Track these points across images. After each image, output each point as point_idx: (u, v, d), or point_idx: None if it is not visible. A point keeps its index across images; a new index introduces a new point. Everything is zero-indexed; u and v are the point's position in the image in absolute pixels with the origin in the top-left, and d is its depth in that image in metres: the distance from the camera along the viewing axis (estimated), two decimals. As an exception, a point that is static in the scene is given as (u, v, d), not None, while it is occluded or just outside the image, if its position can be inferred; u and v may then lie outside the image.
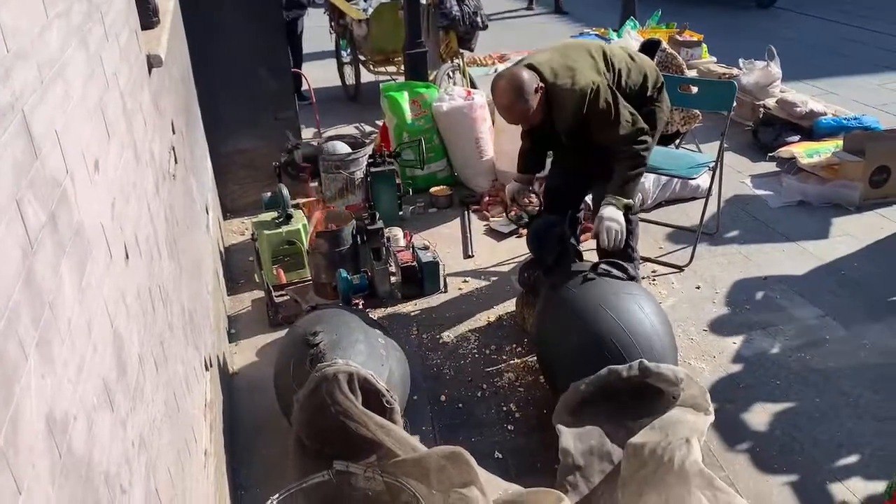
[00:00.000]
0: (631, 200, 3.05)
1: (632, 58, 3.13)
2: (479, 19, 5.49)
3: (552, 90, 2.89)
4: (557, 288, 2.93)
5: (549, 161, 3.58)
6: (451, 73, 5.49)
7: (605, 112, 2.91)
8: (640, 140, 2.98)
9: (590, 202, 3.63)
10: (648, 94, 3.14)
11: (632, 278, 2.96)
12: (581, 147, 3.11)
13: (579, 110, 2.89)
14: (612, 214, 2.97)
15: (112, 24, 1.78)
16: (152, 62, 2.31)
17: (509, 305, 3.65)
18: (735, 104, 3.99)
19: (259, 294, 3.88)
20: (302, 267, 4.01)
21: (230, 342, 3.49)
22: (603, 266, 2.92)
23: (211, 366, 2.59)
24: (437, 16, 5.46)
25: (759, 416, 2.89)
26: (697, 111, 4.53)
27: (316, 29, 8.20)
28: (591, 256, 3.35)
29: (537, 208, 3.64)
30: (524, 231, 4.27)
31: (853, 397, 2.94)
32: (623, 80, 3.04)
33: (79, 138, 1.27)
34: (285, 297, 3.77)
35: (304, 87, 5.53)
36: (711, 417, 2.46)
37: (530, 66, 2.91)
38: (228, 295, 3.87)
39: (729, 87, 3.93)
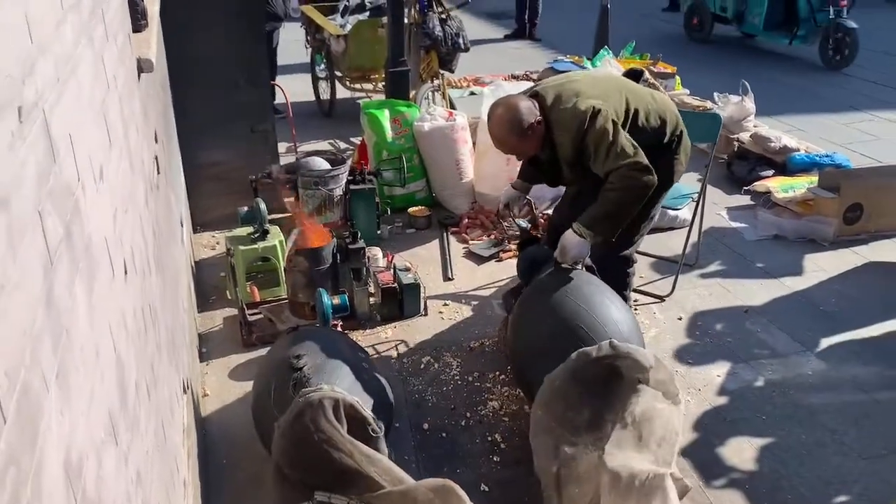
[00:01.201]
0: (600, 238, 2.81)
1: (653, 97, 2.98)
2: (461, 41, 5.46)
3: (552, 113, 2.73)
4: (526, 297, 2.89)
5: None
6: (430, 94, 5.44)
7: (601, 138, 2.69)
8: (634, 175, 2.70)
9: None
10: (666, 140, 2.96)
11: (589, 269, 2.91)
12: (586, 186, 2.93)
13: (577, 134, 2.71)
14: (571, 242, 2.79)
15: (111, 22, 1.67)
16: (143, 66, 2.20)
17: (491, 331, 3.57)
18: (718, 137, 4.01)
19: (231, 312, 3.73)
20: (277, 285, 3.89)
21: (201, 361, 3.34)
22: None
23: (188, 388, 2.46)
24: (420, 35, 5.42)
25: (747, 451, 2.86)
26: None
27: (290, 42, 8.09)
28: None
29: (529, 220, 3.59)
30: (504, 255, 4.23)
31: (838, 434, 2.93)
32: (641, 121, 2.85)
33: (88, 143, 1.16)
34: (259, 316, 3.63)
35: (280, 100, 5.41)
36: (682, 407, 2.43)
37: (534, 95, 2.76)
38: (199, 312, 3.71)
39: (714, 119, 3.95)
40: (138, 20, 2.47)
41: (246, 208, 3.88)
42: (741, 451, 2.86)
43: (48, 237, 0.82)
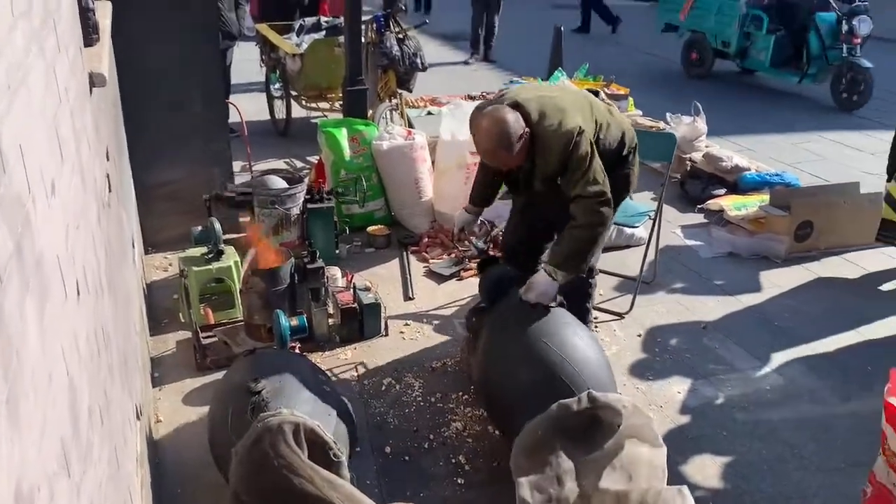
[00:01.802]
0: (570, 275, 2.82)
1: (611, 112, 3.01)
2: (418, 60, 5.46)
3: (537, 131, 2.71)
4: (495, 325, 2.87)
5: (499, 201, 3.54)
6: (388, 113, 5.41)
7: (581, 161, 2.71)
8: (600, 211, 2.75)
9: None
10: (624, 153, 3.02)
11: (561, 304, 2.90)
12: (552, 194, 2.92)
13: (563, 153, 2.71)
14: (541, 284, 2.79)
15: (62, 34, 1.61)
16: (95, 81, 2.12)
17: (453, 351, 3.53)
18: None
19: (185, 335, 3.62)
20: (232, 306, 3.79)
21: (153, 386, 3.22)
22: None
23: (141, 414, 2.36)
24: (377, 55, 5.40)
25: (710, 468, 2.87)
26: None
27: (244, 61, 8.00)
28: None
29: (485, 241, 3.59)
30: (465, 273, 4.21)
31: (798, 448, 2.97)
32: (602, 135, 2.89)
33: (39, 155, 1.09)
34: (214, 339, 3.53)
35: (234, 119, 5.32)
36: (664, 449, 2.45)
37: (516, 105, 2.72)
38: (151, 335, 3.59)
39: (669, 138, 4.01)
40: (90, 34, 2.39)
41: (200, 228, 3.78)
42: (704, 468, 2.86)
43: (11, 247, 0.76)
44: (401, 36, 5.50)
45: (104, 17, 2.82)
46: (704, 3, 9.17)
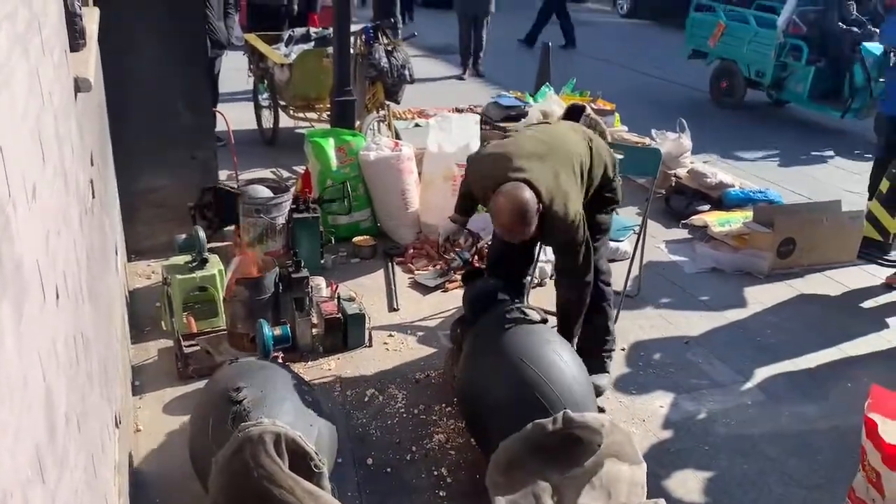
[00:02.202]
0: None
1: (591, 145, 3.06)
2: (406, 72, 5.47)
3: (547, 213, 2.80)
4: (477, 340, 2.87)
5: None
6: (376, 124, 5.42)
7: (578, 243, 2.92)
8: (585, 282, 3.02)
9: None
10: (611, 175, 3.15)
11: (544, 321, 2.92)
12: None
13: (565, 235, 2.89)
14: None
15: (48, 38, 1.60)
16: (80, 86, 2.11)
17: (437, 362, 3.53)
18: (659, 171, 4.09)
19: (166, 343, 3.59)
20: (215, 315, 3.76)
21: (133, 395, 3.19)
22: (517, 311, 2.88)
23: (120, 423, 2.33)
24: (366, 66, 5.41)
25: (692, 482, 2.87)
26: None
27: (232, 70, 7.99)
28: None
29: (472, 251, 3.60)
30: (450, 285, 4.21)
31: (779, 463, 2.98)
32: (591, 178, 3.04)
33: (20, 159, 1.09)
34: (196, 348, 3.50)
35: (221, 127, 5.31)
36: (644, 466, 2.48)
37: (528, 183, 2.77)
38: (132, 343, 3.56)
39: (654, 153, 4.04)
40: (76, 39, 2.38)
41: (184, 236, 3.76)
42: (686, 483, 2.87)
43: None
44: (389, 48, 5.52)
45: (91, 22, 2.81)
46: (737, 30, 8.58)
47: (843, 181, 6.35)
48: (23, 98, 1.17)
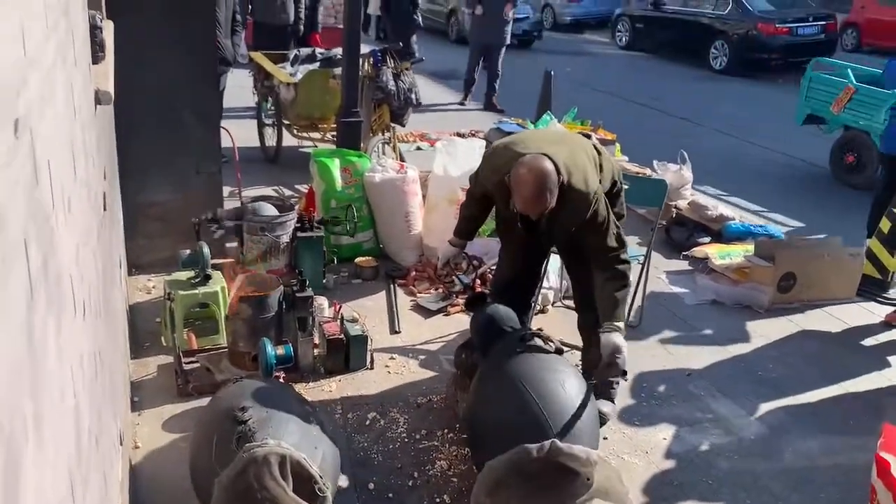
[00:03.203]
0: (623, 322, 3.00)
1: (600, 153, 3.10)
2: (413, 95, 5.51)
3: (566, 188, 2.79)
4: (487, 365, 2.86)
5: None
6: (381, 146, 5.44)
7: (602, 219, 2.89)
8: (622, 259, 2.97)
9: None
10: (616, 189, 3.16)
11: (559, 351, 2.91)
12: (560, 235, 3.08)
13: (586, 212, 2.85)
14: (617, 344, 2.88)
15: (79, 49, 1.60)
16: (101, 98, 2.10)
17: (439, 387, 3.50)
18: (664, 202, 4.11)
19: (166, 359, 3.55)
20: (215, 332, 3.73)
21: (132, 411, 3.15)
22: (535, 338, 2.87)
23: (123, 440, 2.30)
24: (373, 88, 5.44)
25: (695, 516, 2.85)
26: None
27: (236, 88, 8.01)
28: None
29: (472, 275, 3.61)
30: (452, 309, 4.19)
31: (781, 499, 2.96)
32: (604, 174, 3.03)
33: (60, 171, 1.08)
34: (196, 365, 3.47)
35: (226, 144, 5.31)
36: None
37: (545, 156, 2.77)
38: (132, 358, 3.52)
39: (660, 184, 4.07)
40: (97, 51, 2.38)
41: (188, 251, 3.74)
42: (689, 517, 2.84)
43: (31, 266, 0.74)
44: (396, 71, 5.55)
45: (108, 35, 2.81)
46: (872, 95, 6.83)
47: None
48: (62, 110, 1.17)
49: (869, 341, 4.32)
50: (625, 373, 2.98)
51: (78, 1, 1.72)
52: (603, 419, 3.16)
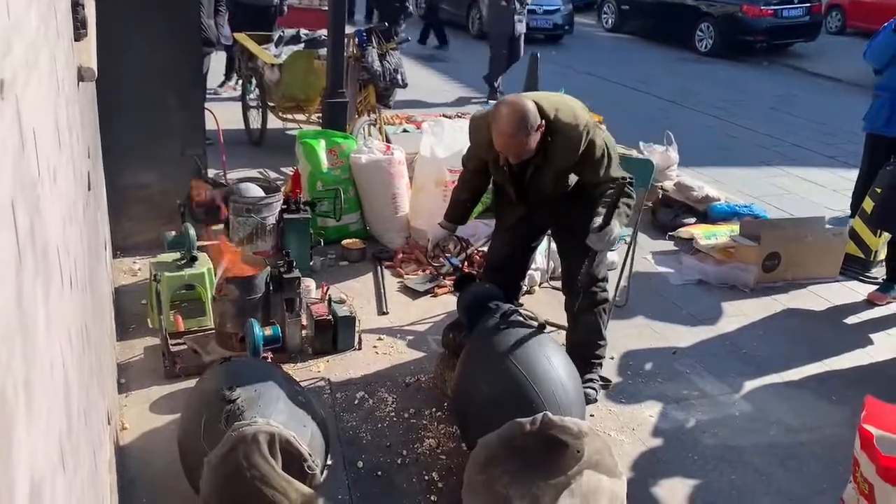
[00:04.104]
0: (622, 227, 2.99)
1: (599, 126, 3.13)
2: (398, 76, 5.48)
3: (555, 124, 2.81)
4: (473, 343, 2.87)
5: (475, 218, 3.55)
6: (366, 127, 5.41)
7: (602, 152, 2.90)
8: (626, 187, 2.93)
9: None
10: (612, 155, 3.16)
11: (542, 327, 2.92)
12: (554, 196, 3.07)
13: (578, 143, 2.85)
14: (614, 230, 2.85)
15: (61, 22, 1.57)
16: (83, 75, 2.08)
17: (427, 367, 3.51)
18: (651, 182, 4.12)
19: (152, 341, 3.54)
20: (202, 314, 3.72)
21: (119, 393, 3.13)
22: (517, 314, 2.89)
23: (111, 420, 2.29)
24: (358, 69, 5.40)
25: (680, 491, 2.88)
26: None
27: (220, 69, 7.95)
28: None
29: (461, 257, 3.61)
30: (439, 290, 4.20)
31: (766, 475, 3.00)
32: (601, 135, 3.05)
33: (45, 141, 1.06)
34: (183, 347, 3.46)
35: (210, 126, 5.26)
36: (624, 479, 2.49)
37: (530, 100, 2.82)
38: (118, 340, 3.50)
39: (647, 164, 4.08)
40: (78, 28, 2.34)
41: (173, 233, 3.72)
42: (675, 492, 2.88)
43: (19, 232, 0.73)
44: (382, 52, 5.51)
45: (90, 13, 2.77)
46: None
47: (823, 197, 6.44)
48: (46, 80, 1.15)
49: (852, 319, 4.37)
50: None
51: (60, -26, 1.69)
52: (589, 398, 3.19)
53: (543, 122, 2.81)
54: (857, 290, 4.68)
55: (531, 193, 3.12)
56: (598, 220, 2.85)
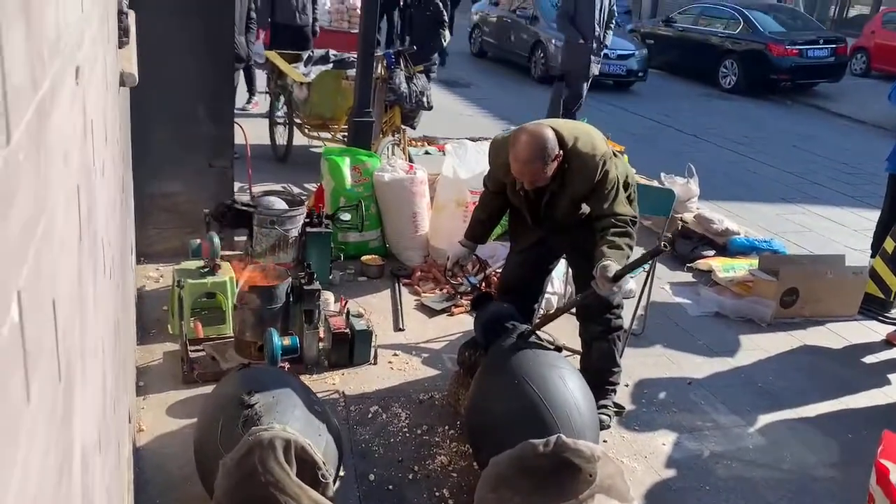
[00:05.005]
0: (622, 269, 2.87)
1: (616, 155, 3.16)
2: (424, 99, 5.56)
3: (572, 152, 2.85)
4: (489, 362, 2.89)
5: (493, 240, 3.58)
6: (390, 147, 5.48)
7: (613, 184, 2.92)
8: (630, 224, 2.96)
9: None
10: (628, 193, 3.17)
11: (558, 349, 2.94)
12: (569, 223, 3.09)
13: (594, 173, 2.87)
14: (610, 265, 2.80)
15: (111, 28, 1.64)
16: (125, 80, 2.14)
17: (441, 384, 3.53)
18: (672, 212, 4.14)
19: (172, 346, 3.58)
20: (221, 322, 3.76)
21: (137, 395, 3.17)
22: (533, 335, 2.91)
23: (131, 419, 2.32)
24: (385, 90, 5.49)
25: (692, 521, 2.87)
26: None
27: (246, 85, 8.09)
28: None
29: (479, 277, 3.64)
30: (456, 309, 4.22)
31: (778, 509, 2.98)
32: (617, 164, 3.08)
33: (98, 133, 1.11)
34: (202, 353, 3.50)
35: (238, 140, 5.36)
36: None
37: (550, 128, 2.86)
38: (138, 344, 3.55)
39: (668, 194, 4.10)
40: (121, 36, 2.43)
41: (198, 241, 3.77)
42: (686, 521, 2.86)
43: (81, 212, 0.77)
44: (409, 74, 5.60)
45: (132, 22, 2.86)
46: None
47: (844, 237, 6.42)
48: (101, 77, 1.20)
49: (869, 359, 4.34)
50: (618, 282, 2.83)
51: (111, -18, 1.76)
52: (603, 424, 3.18)
53: (561, 151, 2.85)
54: (875, 330, 4.65)
55: (546, 218, 3.15)
56: (610, 267, 2.79)
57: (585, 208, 3.07)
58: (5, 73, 0.41)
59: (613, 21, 8.09)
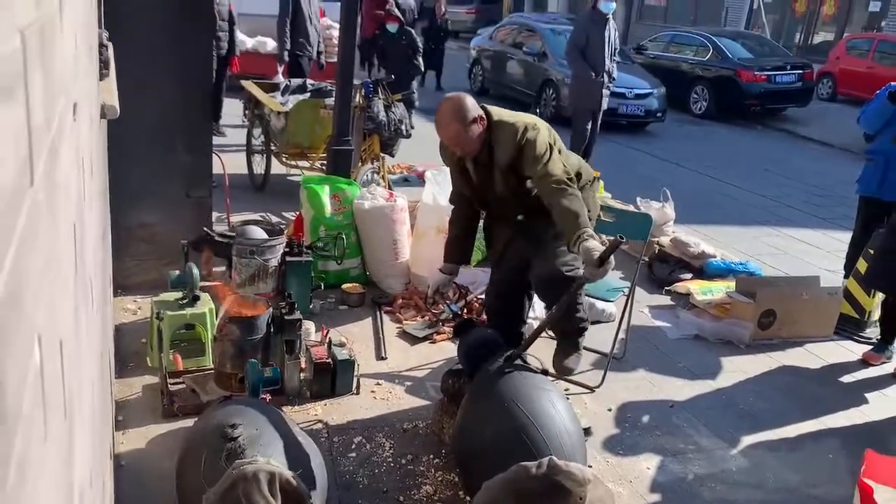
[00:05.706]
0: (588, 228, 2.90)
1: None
2: (403, 127, 5.59)
3: (496, 123, 3.01)
4: (475, 387, 2.89)
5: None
6: (370, 175, 5.50)
7: (543, 149, 2.98)
8: (568, 182, 2.94)
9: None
10: (581, 184, 3.19)
11: (544, 372, 2.96)
12: (507, 206, 3.18)
13: (514, 138, 2.97)
14: (591, 246, 2.79)
15: (94, 61, 1.64)
16: (106, 112, 2.13)
17: (425, 413, 3.51)
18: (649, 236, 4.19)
19: (151, 380, 3.53)
20: (201, 354, 3.72)
21: (117, 430, 3.11)
22: (518, 358, 2.92)
23: (112, 455, 2.28)
24: (364, 118, 5.52)
25: (679, 545, 2.86)
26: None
27: (224, 116, 8.08)
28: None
29: (460, 304, 3.64)
30: (438, 337, 4.22)
31: (764, 531, 2.99)
32: (562, 152, 3.18)
33: (87, 168, 1.11)
34: (182, 386, 3.45)
35: (215, 169, 5.34)
36: None
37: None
38: (116, 378, 3.49)
39: (645, 218, 4.15)
40: (101, 68, 2.42)
41: (177, 272, 3.74)
42: (673, 545, 2.86)
43: (76, 244, 0.77)
44: (387, 103, 5.64)
45: (111, 54, 2.86)
46: None
47: (817, 258, 6.53)
48: (87, 113, 1.20)
49: (847, 378, 4.39)
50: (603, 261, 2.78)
51: (94, 17, 1.76)
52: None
53: (482, 115, 2.99)
54: (851, 350, 4.71)
55: (490, 199, 3.26)
56: (593, 250, 2.76)
57: (529, 184, 3.11)
58: (29, 114, 0.41)
59: (617, 53, 8.06)
